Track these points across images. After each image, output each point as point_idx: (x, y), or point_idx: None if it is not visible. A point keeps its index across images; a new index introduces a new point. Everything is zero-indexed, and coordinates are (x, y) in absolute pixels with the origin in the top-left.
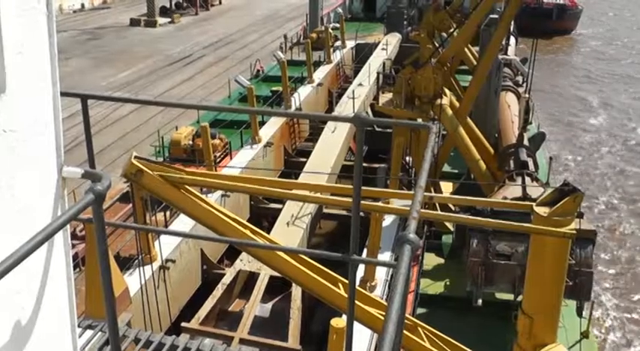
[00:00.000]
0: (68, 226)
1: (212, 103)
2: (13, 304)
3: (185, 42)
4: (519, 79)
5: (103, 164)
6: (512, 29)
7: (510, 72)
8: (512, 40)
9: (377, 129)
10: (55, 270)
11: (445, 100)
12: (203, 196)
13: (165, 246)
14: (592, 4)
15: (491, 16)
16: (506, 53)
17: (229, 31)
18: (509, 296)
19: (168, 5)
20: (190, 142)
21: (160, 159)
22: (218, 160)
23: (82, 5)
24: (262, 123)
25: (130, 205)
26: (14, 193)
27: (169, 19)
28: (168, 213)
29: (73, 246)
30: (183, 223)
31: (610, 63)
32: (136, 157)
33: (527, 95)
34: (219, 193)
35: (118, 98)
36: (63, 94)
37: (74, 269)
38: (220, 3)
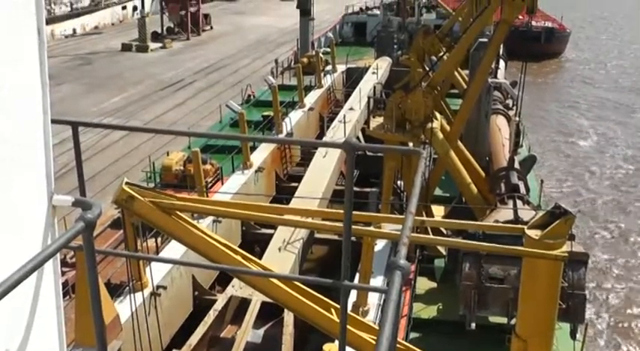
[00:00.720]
0: (58, 254)
1: (203, 128)
2: (1, 333)
3: (177, 67)
4: (509, 102)
5: (93, 191)
6: (501, 52)
7: (500, 95)
8: (502, 63)
9: (368, 153)
10: (44, 298)
11: (436, 124)
12: (194, 222)
13: (156, 272)
14: (581, 27)
15: (481, 39)
16: (495, 76)
17: (220, 56)
18: (503, 320)
19: (159, 30)
20: (182, 168)
21: (152, 185)
22: (209, 185)
23: (74, 30)
24: (253, 148)
25: (121, 231)
26: (4, 221)
27: (161, 44)
28: (159, 239)
29: (64, 273)
30: (174, 249)
31: (598, 87)
32: (127, 183)
33: (517, 118)
34: (210, 218)
35: (109, 125)
36: (54, 121)
37: (64, 297)
38: (212, 28)
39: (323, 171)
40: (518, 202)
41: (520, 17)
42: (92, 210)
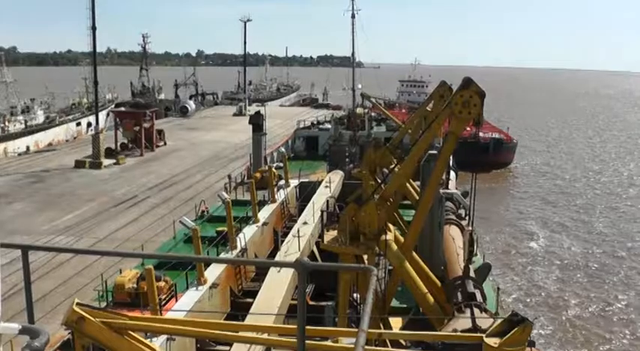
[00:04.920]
0: None
1: (157, 244)
2: None
3: (130, 183)
4: (462, 212)
5: (43, 311)
6: (451, 163)
7: (452, 205)
8: (452, 174)
9: None
10: None
11: (390, 236)
12: (147, 341)
13: None
14: (527, 138)
15: (431, 151)
16: (447, 187)
17: (174, 171)
18: None
19: (113, 146)
20: (135, 286)
21: (104, 304)
22: (163, 302)
23: (27, 148)
24: (207, 264)
25: None
26: None
27: (114, 161)
28: None
29: None
30: None
31: (544, 194)
32: (77, 303)
33: (470, 228)
34: (164, 336)
35: (60, 248)
36: (3, 245)
37: None
38: (165, 144)
39: (278, 286)
40: (476, 311)
41: (468, 129)
42: (39, 338)
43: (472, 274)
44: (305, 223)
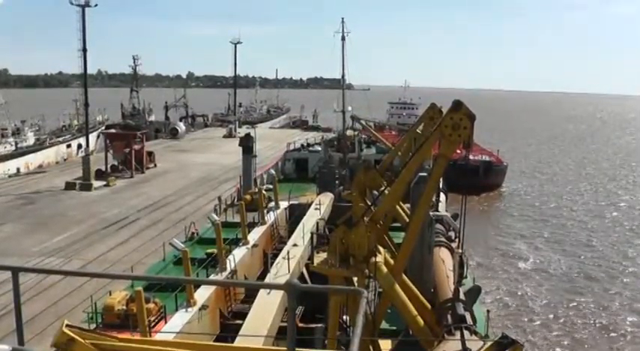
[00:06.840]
0: None
1: (146, 266)
2: None
3: (120, 205)
4: (452, 234)
5: (33, 333)
6: (441, 186)
7: (442, 228)
8: (442, 196)
9: None
10: None
11: (380, 258)
12: None
13: None
14: (517, 161)
15: (421, 173)
16: (436, 210)
17: (164, 193)
18: None
19: (103, 168)
20: (124, 307)
21: (93, 326)
22: (153, 324)
23: (18, 170)
24: (197, 285)
25: None
26: None
27: (104, 182)
28: None
29: None
30: None
31: (533, 216)
32: (67, 325)
33: (460, 250)
34: None
35: (50, 270)
36: None
37: None
38: (155, 166)
39: (268, 308)
40: (466, 333)
41: (458, 151)
42: None
43: (462, 296)
44: (295, 245)
